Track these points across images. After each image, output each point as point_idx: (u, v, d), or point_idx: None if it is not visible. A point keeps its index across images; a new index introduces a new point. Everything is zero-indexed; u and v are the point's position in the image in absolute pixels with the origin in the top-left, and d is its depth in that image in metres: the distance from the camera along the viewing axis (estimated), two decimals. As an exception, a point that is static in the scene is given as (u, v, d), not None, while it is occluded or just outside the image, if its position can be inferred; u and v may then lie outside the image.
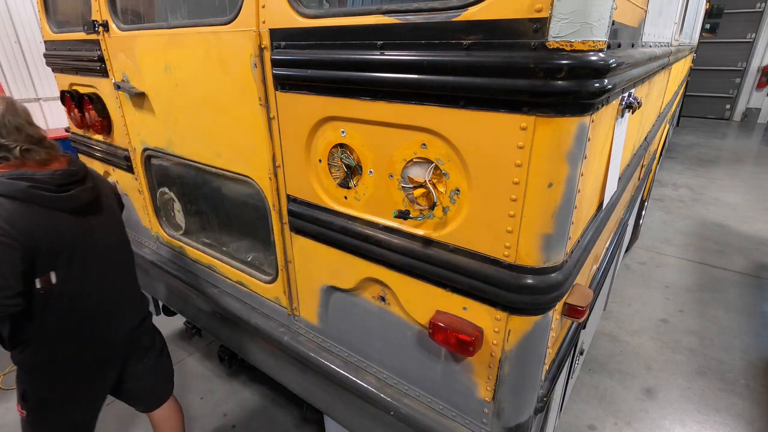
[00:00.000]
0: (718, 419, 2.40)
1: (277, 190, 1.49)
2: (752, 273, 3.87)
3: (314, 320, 1.64)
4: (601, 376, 2.70)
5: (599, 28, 0.82)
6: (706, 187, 6.10)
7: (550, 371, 1.33)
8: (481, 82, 0.90)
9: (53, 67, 2.39)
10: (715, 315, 3.29)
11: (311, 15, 1.15)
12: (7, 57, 5.67)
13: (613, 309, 3.36)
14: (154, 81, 1.76)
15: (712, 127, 10.09)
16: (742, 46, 9.95)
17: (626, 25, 1.11)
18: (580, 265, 1.18)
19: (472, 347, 1.12)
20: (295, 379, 1.84)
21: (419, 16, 0.95)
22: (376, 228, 1.25)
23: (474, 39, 0.89)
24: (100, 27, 1.87)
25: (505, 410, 1.23)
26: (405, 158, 1.11)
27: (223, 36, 1.38)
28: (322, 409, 1.81)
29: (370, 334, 1.47)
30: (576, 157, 0.92)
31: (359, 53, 1.07)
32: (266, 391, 2.61)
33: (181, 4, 1.76)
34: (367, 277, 1.35)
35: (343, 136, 1.22)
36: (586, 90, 0.83)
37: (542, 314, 1.09)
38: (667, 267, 3.99)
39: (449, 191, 1.07)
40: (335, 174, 1.30)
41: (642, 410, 2.47)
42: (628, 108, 1.28)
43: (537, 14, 0.80)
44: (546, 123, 0.87)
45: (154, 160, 2.09)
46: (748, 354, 2.89)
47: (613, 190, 1.42)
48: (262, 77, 1.32)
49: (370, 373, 1.53)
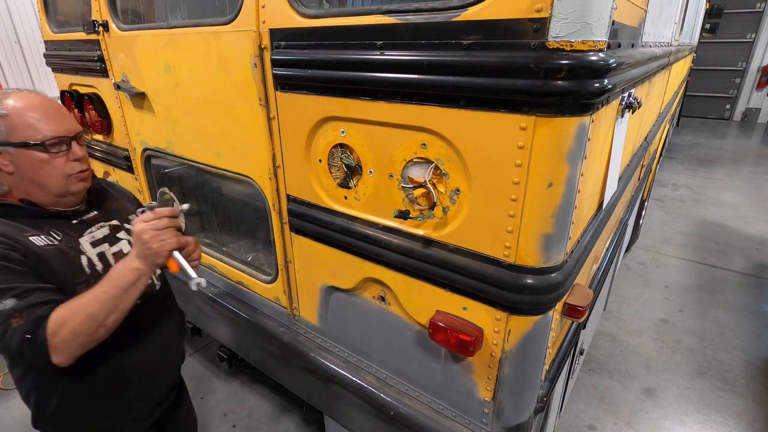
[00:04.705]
0: (718, 419, 2.40)
1: (277, 190, 1.49)
2: (752, 273, 3.87)
3: (314, 320, 1.64)
4: (601, 376, 2.70)
5: (599, 28, 0.82)
6: (706, 187, 6.09)
7: (550, 371, 1.33)
8: (481, 82, 0.90)
9: (53, 67, 2.39)
10: (715, 315, 3.29)
11: (311, 15, 1.15)
12: (7, 57, 5.68)
13: (613, 309, 3.35)
14: (154, 81, 1.76)
15: (712, 127, 10.09)
16: (742, 46, 9.94)
17: (626, 25, 1.11)
18: (580, 265, 1.18)
19: (472, 347, 1.12)
20: (295, 379, 1.84)
21: (419, 16, 0.95)
22: (376, 228, 1.25)
23: (474, 39, 0.89)
24: (100, 27, 1.87)
25: (505, 410, 1.23)
26: (405, 158, 1.11)
27: (223, 36, 1.38)
28: (323, 409, 1.81)
29: (370, 334, 1.47)
30: (576, 157, 0.92)
31: (359, 53, 1.07)
32: (266, 391, 2.61)
33: (181, 4, 1.76)
34: (367, 277, 1.35)
35: (343, 136, 1.22)
36: (586, 90, 0.83)
37: (542, 314, 1.09)
38: (667, 267, 3.98)
39: (449, 191, 1.07)
40: (335, 174, 1.30)
41: (642, 410, 2.46)
42: (628, 108, 1.28)
43: (537, 14, 0.80)
44: (546, 123, 0.87)
45: (154, 160, 2.09)
46: (748, 354, 2.88)
47: (613, 190, 1.42)
48: (262, 77, 1.32)
49: (370, 373, 1.53)
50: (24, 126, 1.03)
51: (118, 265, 1.06)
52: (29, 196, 1.10)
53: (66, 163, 1.09)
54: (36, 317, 0.95)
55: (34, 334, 0.94)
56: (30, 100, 1.06)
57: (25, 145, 1.03)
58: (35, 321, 0.95)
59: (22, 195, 1.10)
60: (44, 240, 1.08)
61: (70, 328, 0.97)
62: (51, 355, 0.95)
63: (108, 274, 1.05)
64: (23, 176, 1.06)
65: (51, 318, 0.96)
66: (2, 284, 0.95)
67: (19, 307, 0.94)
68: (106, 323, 1.01)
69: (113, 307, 1.01)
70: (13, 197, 1.10)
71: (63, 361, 0.98)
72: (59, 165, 1.08)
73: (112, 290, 1.02)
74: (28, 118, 1.04)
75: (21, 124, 1.03)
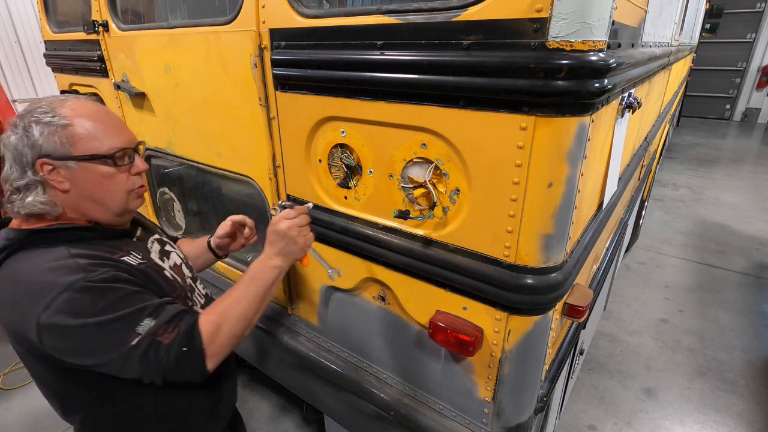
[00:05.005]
0: (718, 419, 2.40)
1: (277, 190, 1.49)
2: (752, 273, 3.87)
3: (314, 320, 1.64)
4: (601, 376, 2.70)
5: (599, 28, 0.82)
6: (706, 187, 6.09)
7: (550, 371, 1.33)
8: (481, 82, 0.90)
9: (53, 67, 2.39)
10: (715, 315, 3.29)
11: (311, 15, 1.15)
12: (7, 57, 5.68)
13: (613, 309, 3.35)
14: (154, 81, 1.76)
15: (712, 127, 10.09)
16: (742, 46, 9.94)
17: (626, 25, 1.11)
18: (580, 265, 1.18)
19: (472, 347, 1.12)
20: (295, 379, 1.84)
21: (419, 16, 0.95)
22: (376, 228, 1.25)
23: (474, 39, 0.89)
24: (100, 27, 1.87)
25: (505, 410, 1.23)
26: (405, 158, 1.11)
27: (223, 36, 1.38)
28: (323, 409, 1.81)
29: (370, 334, 1.46)
30: (576, 157, 0.92)
31: (359, 53, 1.07)
32: (266, 391, 2.61)
33: (181, 4, 1.76)
34: (367, 277, 1.35)
35: (343, 136, 1.22)
36: (586, 90, 0.83)
37: (542, 314, 1.09)
38: (667, 267, 3.98)
39: (449, 191, 1.07)
40: (335, 174, 1.30)
41: (642, 410, 2.46)
42: (628, 108, 1.28)
43: (537, 14, 0.80)
44: (546, 123, 0.87)
45: (154, 160, 2.09)
46: (748, 354, 2.88)
47: (613, 190, 1.42)
48: (262, 77, 1.32)
49: (370, 373, 1.53)
50: (88, 137, 0.92)
51: (255, 264, 1.07)
52: (85, 217, 0.98)
53: (128, 178, 1.00)
54: (186, 329, 0.91)
55: (189, 346, 0.90)
56: (90, 108, 0.96)
57: (92, 158, 0.92)
58: (186, 333, 0.90)
59: (76, 215, 0.97)
60: (133, 259, 0.99)
61: (226, 332, 0.95)
62: (207, 362, 0.92)
63: (248, 274, 1.05)
64: (81, 194, 0.94)
65: (200, 326, 0.93)
66: (130, 307, 0.87)
67: (159, 324, 0.89)
68: (253, 323, 1.02)
69: (260, 305, 1.03)
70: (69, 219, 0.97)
71: (212, 368, 0.95)
72: (122, 180, 0.98)
73: (259, 289, 1.03)
74: (92, 128, 0.93)
75: (85, 135, 0.92)
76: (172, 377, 0.91)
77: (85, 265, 0.87)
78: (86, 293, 0.84)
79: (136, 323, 0.87)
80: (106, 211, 0.99)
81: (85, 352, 0.86)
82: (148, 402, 1.04)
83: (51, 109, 0.91)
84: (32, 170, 0.90)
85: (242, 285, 1.04)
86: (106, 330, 0.85)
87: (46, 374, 0.97)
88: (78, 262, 0.87)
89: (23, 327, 0.85)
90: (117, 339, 0.86)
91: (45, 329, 0.83)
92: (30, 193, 0.90)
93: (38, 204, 0.91)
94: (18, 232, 0.91)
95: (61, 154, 0.90)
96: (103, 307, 0.85)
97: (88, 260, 0.89)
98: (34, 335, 0.84)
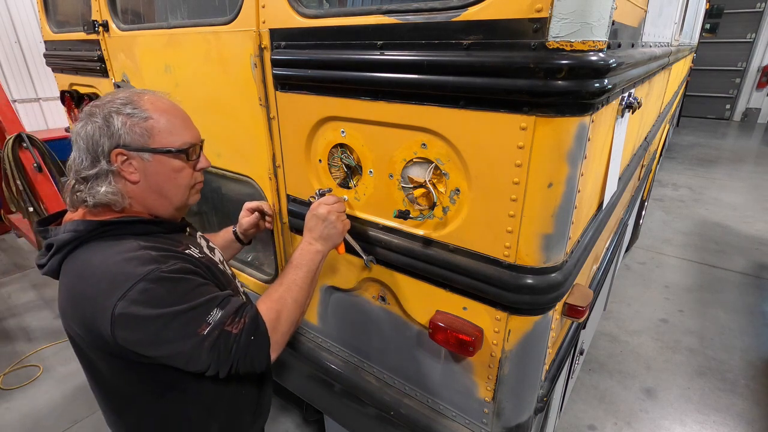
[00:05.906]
0: (718, 419, 2.40)
1: (277, 190, 1.49)
2: (752, 273, 3.87)
3: (314, 320, 1.64)
4: (601, 376, 2.70)
5: (599, 28, 0.82)
6: (706, 187, 6.09)
7: (550, 371, 1.33)
8: (481, 82, 0.90)
9: (53, 67, 2.39)
10: (715, 315, 3.29)
11: (311, 15, 1.15)
12: (7, 57, 5.68)
13: (613, 309, 3.35)
14: (154, 81, 1.76)
15: (712, 127, 10.09)
16: (742, 46, 9.95)
17: (626, 25, 1.11)
18: (580, 265, 1.18)
19: (472, 347, 1.12)
20: (295, 379, 1.84)
21: (419, 16, 0.95)
22: (376, 228, 1.25)
23: (474, 39, 0.89)
24: (100, 27, 1.87)
25: (505, 410, 1.23)
26: (405, 158, 1.11)
27: (223, 36, 1.38)
28: (322, 409, 1.81)
29: (370, 335, 1.47)
30: (576, 157, 0.92)
31: (359, 53, 1.07)
32: (266, 391, 2.61)
33: (181, 4, 1.76)
34: (367, 277, 1.35)
35: (343, 136, 1.22)
36: (586, 90, 0.83)
37: (542, 314, 1.09)
38: (667, 267, 3.98)
39: (449, 191, 1.07)
40: (335, 174, 1.30)
41: (642, 410, 2.46)
42: (628, 108, 1.28)
43: (537, 14, 0.80)
44: (546, 123, 0.87)
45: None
46: (748, 354, 2.88)
47: (613, 190, 1.42)
48: (262, 77, 1.32)
49: (370, 373, 1.53)
50: (165, 131, 0.94)
51: (297, 251, 1.10)
52: (149, 209, 0.99)
53: (192, 173, 1.02)
54: (251, 318, 0.92)
55: (256, 334, 0.91)
56: (166, 103, 0.98)
57: (167, 152, 0.94)
58: (252, 321, 0.91)
59: (140, 208, 0.98)
60: (195, 252, 1.00)
61: (285, 318, 0.97)
62: (271, 351, 0.94)
63: (293, 261, 1.07)
64: (149, 186, 0.95)
65: (263, 315, 0.94)
66: (201, 297, 0.88)
67: (227, 314, 0.89)
68: (305, 309, 1.04)
69: (309, 291, 1.05)
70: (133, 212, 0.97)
71: (275, 356, 0.96)
72: (188, 175, 1.00)
73: (308, 274, 1.05)
74: (169, 122, 0.95)
75: (163, 129, 0.93)
76: (241, 366, 0.91)
77: (157, 257, 0.88)
78: (162, 284, 0.84)
79: (207, 313, 0.87)
80: (168, 205, 1.00)
81: (159, 342, 0.85)
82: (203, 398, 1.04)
83: (130, 102, 0.92)
84: (106, 160, 0.90)
85: (290, 273, 1.05)
86: (181, 320, 0.85)
87: (106, 370, 0.96)
88: (150, 254, 0.88)
89: (94, 318, 0.84)
90: (191, 329, 0.86)
91: (120, 319, 0.82)
92: (100, 182, 0.91)
93: (109, 194, 0.91)
94: (87, 224, 0.90)
95: (138, 146, 0.91)
96: (178, 297, 0.85)
97: (159, 252, 0.89)
98: (106, 326, 0.82)
